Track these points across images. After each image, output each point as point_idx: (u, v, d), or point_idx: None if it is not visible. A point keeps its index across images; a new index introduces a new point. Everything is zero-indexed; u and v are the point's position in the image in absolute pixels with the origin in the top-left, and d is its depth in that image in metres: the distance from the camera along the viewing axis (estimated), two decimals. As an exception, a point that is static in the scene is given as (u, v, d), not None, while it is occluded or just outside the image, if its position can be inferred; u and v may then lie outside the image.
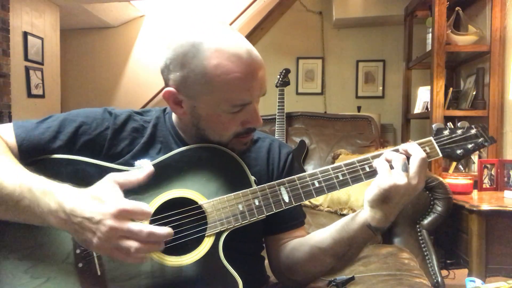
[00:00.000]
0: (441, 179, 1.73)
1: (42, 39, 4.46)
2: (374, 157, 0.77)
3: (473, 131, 0.82)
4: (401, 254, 1.46)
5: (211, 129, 0.80)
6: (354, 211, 1.84)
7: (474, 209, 1.72)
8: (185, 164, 0.78)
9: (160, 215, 0.73)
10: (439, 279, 1.64)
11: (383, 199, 0.72)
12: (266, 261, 0.98)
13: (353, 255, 0.83)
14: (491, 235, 1.72)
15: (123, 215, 0.61)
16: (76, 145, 0.79)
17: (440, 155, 0.79)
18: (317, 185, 0.76)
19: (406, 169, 0.72)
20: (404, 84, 3.51)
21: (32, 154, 0.77)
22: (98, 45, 5.62)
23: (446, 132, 0.81)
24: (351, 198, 1.86)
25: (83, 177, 0.74)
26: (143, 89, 5.29)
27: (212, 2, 5.13)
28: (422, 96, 3.19)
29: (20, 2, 4.16)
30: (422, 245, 1.70)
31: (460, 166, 2.42)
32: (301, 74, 4.45)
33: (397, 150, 0.76)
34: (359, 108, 4.16)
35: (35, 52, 4.36)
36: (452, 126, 0.82)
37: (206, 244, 0.74)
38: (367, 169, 0.77)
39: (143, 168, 0.69)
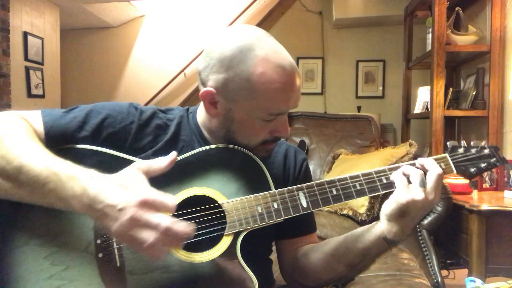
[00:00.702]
0: (441, 179, 1.73)
1: (42, 39, 4.46)
2: (391, 170, 0.79)
3: (486, 151, 0.85)
4: (400, 254, 1.46)
5: (241, 133, 0.82)
6: (354, 211, 1.84)
7: (474, 209, 1.72)
8: (208, 163, 0.80)
9: (180, 211, 0.74)
10: (439, 279, 1.64)
11: (401, 214, 0.75)
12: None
13: (365, 266, 0.84)
14: (491, 235, 1.72)
15: (146, 205, 0.60)
16: (101, 137, 0.80)
17: (455, 171, 0.82)
18: (334, 192, 0.78)
19: (423, 184, 0.74)
20: (404, 84, 3.51)
21: (58, 142, 0.78)
22: (98, 45, 5.62)
23: (460, 150, 0.85)
24: (351, 198, 1.85)
25: (106, 169, 0.73)
26: (143, 89, 5.29)
27: (212, 2, 5.13)
28: (422, 96, 3.19)
29: (20, 2, 4.16)
30: (422, 245, 1.70)
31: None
32: (301, 74, 4.45)
33: (413, 164, 0.79)
34: (359, 108, 4.16)
35: (35, 52, 4.36)
36: (466, 145, 0.85)
37: (225, 243, 0.75)
38: (384, 181, 0.79)
39: (166, 156, 0.69)
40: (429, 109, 2.69)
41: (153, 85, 5.14)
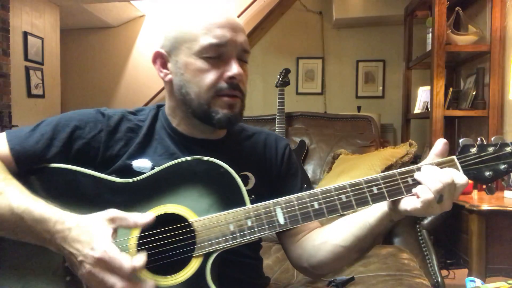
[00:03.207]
0: (441, 179, 1.73)
1: (42, 39, 4.45)
2: (384, 178, 0.70)
3: (508, 149, 0.70)
4: (401, 254, 1.46)
5: (192, 83, 0.80)
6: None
7: (474, 209, 1.72)
8: (178, 177, 0.75)
9: (148, 232, 0.70)
10: (439, 279, 1.64)
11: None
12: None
13: (374, 245, 0.83)
14: (491, 235, 1.72)
15: (102, 264, 0.62)
16: (72, 150, 0.79)
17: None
18: (316, 206, 0.71)
19: (441, 200, 0.67)
20: (404, 84, 3.51)
21: (29, 164, 0.76)
22: (98, 45, 5.62)
23: (473, 150, 0.71)
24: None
25: (77, 187, 0.74)
26: (143, 89, 5.29)
27: (212, 2, 5.12)
28: (422, 96, 3.18)
29: (20, 2, 4.16)
30: (422, 245, 1.70)
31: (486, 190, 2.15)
32: (301, 74, 4.45)
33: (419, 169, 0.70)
34: (359, 108, 4.16)
35: (35, 52, 4.36)
36: (484, 142, 0.71)
37: (193, 266, 0.70)
38: (375, 191, 0.70)
39: (146, 215, 0.68)
40: (429, 109, 2.69)
41: (153, 85, 5.13)
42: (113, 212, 0.67)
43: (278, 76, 2.50)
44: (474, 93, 2.58)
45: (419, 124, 3.75)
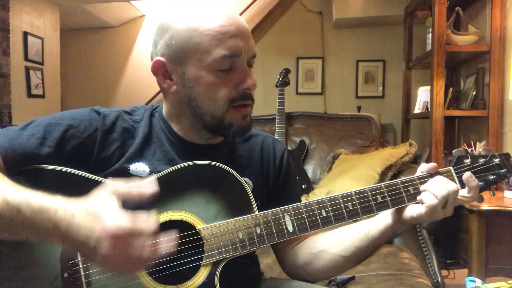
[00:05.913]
0: (441, 179, 1.73)
1: (42, 39, 4.45)
2: (387, 187, 0.75)
3: (496, 160, 0.77)
4: (401, 254, 1.46)
5: (204, 97, 0.75)
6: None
7: (474, 209, 1.72)
8: (184, 183, 0.72)
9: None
10: (439, 279, 1.64)
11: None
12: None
13: (371, 255, 0.84)
14: (491, 235, 1.72)
15: (119, 239, 0.55)
16: (65, 151, 0.74)
17: (460, 187, 0.76)
18: (324, 214, 0.73)
19: (445, 206, 0.73)
20: (404, 84, 3.51)
21: (19, 165, 0.70)
22: (98, 45, 5.62)
23: (467, 161, 0.77)
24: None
25: (73, 192, 0.67)
26: (143, 89, 5.29)
27: (214, 3, 5.12)
28: (422, 96, 3.18)
29: (20, 2, 4.15)
30: (422, 245, 1.70)
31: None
32: (301, 74, 4.45)
33: (424, 182, 0.75)
34: (359, 108, 4.17)
35: (35, 52, 4.36)
36: (475, 153, 0.78)
37: (202, 274, 0.69)
38: (379, 199, 0.74)
39: (149, 182, 0.61)
40: (429, 109, 2.69)
41: (153, 85, 5.08)
42: (114, 186, 0.60)
43: (278, 76, 2.50)
44: (474, 93, 2.58)
45: (419, 124, 3.75)
